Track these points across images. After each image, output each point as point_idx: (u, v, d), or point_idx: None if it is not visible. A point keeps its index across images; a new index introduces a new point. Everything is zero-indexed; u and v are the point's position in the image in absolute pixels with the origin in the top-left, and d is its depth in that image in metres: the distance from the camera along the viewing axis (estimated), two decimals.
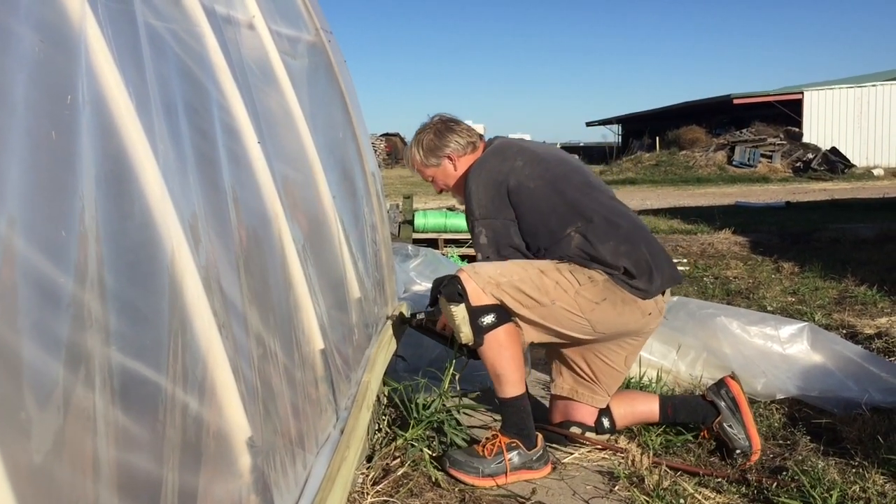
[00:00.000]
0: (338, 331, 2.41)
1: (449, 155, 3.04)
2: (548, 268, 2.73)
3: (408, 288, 4.88)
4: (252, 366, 1.58)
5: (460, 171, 3.04)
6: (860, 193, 17.58)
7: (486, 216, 2.87)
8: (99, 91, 1.25)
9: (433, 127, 3.10)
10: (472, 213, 2.88)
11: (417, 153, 3.08)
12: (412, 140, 3.13)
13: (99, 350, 1.07)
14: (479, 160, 2.98)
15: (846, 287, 5.74)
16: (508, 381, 2.68)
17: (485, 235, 2.86)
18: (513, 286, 2.68)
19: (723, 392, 2.92)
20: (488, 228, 2.87)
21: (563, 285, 2.70)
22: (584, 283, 2.71)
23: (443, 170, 3.07)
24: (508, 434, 2.65)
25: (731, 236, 8.87)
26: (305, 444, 1.87)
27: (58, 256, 1.04)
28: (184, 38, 1.74)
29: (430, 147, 3.06)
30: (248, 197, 1.87)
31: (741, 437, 2.81)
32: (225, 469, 1.39)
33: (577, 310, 2.70)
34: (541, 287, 2.69)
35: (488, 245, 2.86)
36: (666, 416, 2.93)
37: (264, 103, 2.24)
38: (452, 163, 3.05)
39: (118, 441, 1.08)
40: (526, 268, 2.73)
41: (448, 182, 3.09)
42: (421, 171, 3.12)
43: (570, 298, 2.70)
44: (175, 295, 1.32)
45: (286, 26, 2.84)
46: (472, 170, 2.96)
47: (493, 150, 3.00)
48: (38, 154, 1.06)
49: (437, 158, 3.05)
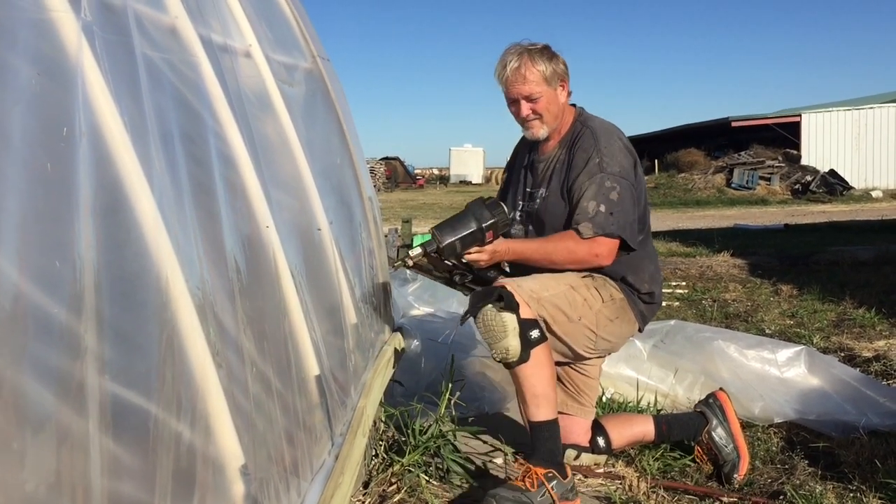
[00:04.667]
0: (334, 356, 2.41)
1: (564, 81, 2.84)
2: (576, 283, 2.69)
3: (406, 312, 4.89)
4: (246, 393, 1.58)
5: (562, 105, 2.85)
6: (858, 215, 17.60)
7: (624, 175, 2.71)
8: (95, 122, 1.27)
9: (547, 47, 2.82)
10: (606, 168, 2.68)
11: (541, 62, 2.76)
12: (520, 49, 2.78)
13: (93, 379, 1.07)
14: (602, 123, 2.85)
15: (845, 309, 5.74)
16: (546, 403, 2.54)
17: (618, 193, 2.67)
18: (551, 302, 2.61)
19: (710, 401, 2.99)
20: (624, 189, 2.69)
21: (589, 302, 2.68)
22: (605, 301, 2.72)
23: (556, 95, 2.81)
24: (542, 464, 2.48)
25: (730, 259, 8.87)
26: (300, 471, 1.87)
27: (53, 286, 1.05)
28: (180, 68, 1.77)
29: (554, 64, 2.79)
30: (243, 224, 1.88)
31: (729, 446, 2.84)
32: (218, 497, 1.39)
33: (594, 326, 2.69)
34: (572, 303, 2.65)
35: (616, 204, 2.66)
36: (661, 433, 2.94)
37: (261, 131, 2.26)
38: (565, 92, 2.84)
39: (111, 469, 1.08)
40: (559, 282, 2.67)
41: (551, 108, 2.80)
42: (534, 82, 2.77)
43: (593, 315, 2.69)
44: (169, 323, 1.33)
45: (283, 54, 2.87)
46: (600, 126, 2.81)
47: (612, 124, 2.88)
48: (34, 185, 1.07)
49: (556, 79, 2.80)
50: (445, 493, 2.65)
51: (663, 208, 22.59)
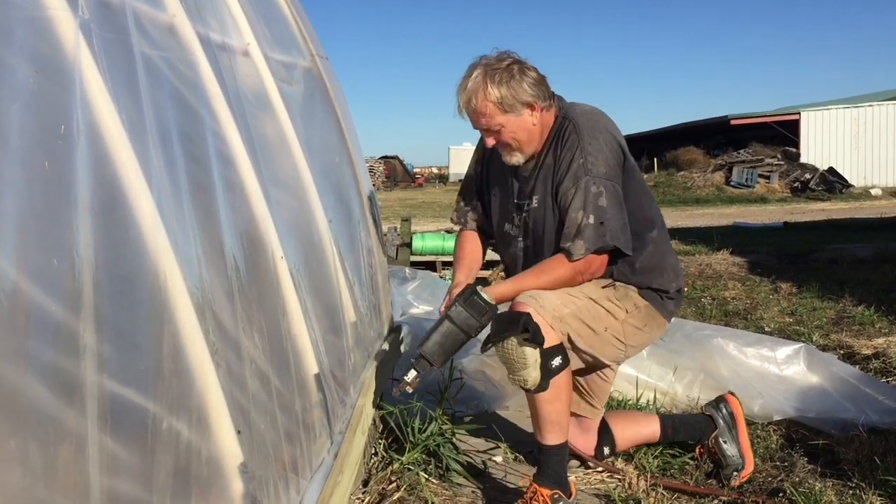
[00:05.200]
0: (333, 355, 2.41)
1: (532, 104, 2.54)
2: (597, 295, 2.58)
3: (405, 311, 4.89)
4: (245, 391, 1.58)
5: (537, 127, 2.58)
6: (858, 213, 17.61)
7: (610, 177, 2.50)
8: (93, 120, 1.26)
9: (513, 66, 2.52)
10: (591, 170, 2.48)
11: (495, 91, 2.48)
12: (479, 74, 2.51)
13: (91, 377, 1.07)
14: (584, 113, 2.61)
15: (844, 307, 5.74)
16: (558, 429, 2.49)
17: (604, 198, 2.47)
18: (575, 317, 2.50)
19: (721, 406, 2.93)
20: (610, 193, 2.49)
21: (613, 312, 2.59)
22: (630, 312, 2.63)
23: (520, 121, 2.54)
24: (548, 485, 2.45)
25: (729, 257, 8.87)
26: (299, 469, 1.87)
27: (51, 284, 1.05)
28: (178, 67, 1.76)
29: (512, 89, 2.49)
30: (242, 223, 1.88)
31: (735, 454, 2.82)
32: (217, 495, 1.39)
33: (622, 336, 2.61)
34: (596, 316, 2.55)
35: (606, 211, 2.47)
36: (666, 435, 2.91)
37: (259, 130, 2.26)
38: (533, 114, 2.55)
39: (110, 467, 1.08)
40: (578, 296, 2.55)
41: (519, 136, 2.56)
42: (488, 116, 2.52)
43: (619, 325, 2.60)
44: (168, 321, 1.33)
45: (281, 52, 2.87)
46: (583, 116, 2.58)
47: (595, 110, 2.66)
48: (32, 184, 1.07)
49: (520, 105, 2.52)
50: (445, 492, 2.66)
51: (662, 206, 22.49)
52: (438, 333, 2.49)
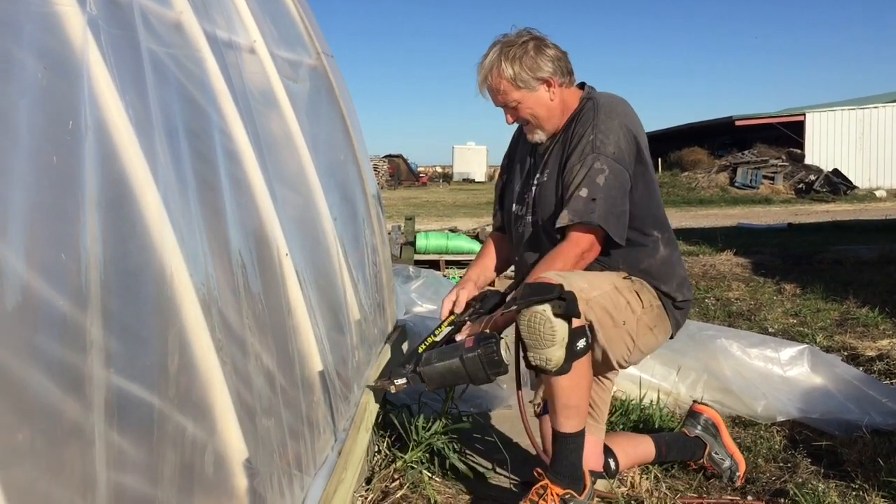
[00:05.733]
0: (337, 352, 2.41)
1: (548, 79, 2.48)
2: (619, 284, 2.47)
3: (409, 309, 4.89)
4: (250, 388, 1.59)
5: (556, 103, 2.52)
6: (862, 215, 17.58)
7: (618, 159, 2.42)
8: (101, 116, 1.27)
9: (528, 42, 2.48)
10: (599, 148, 2.41)
11: (508, 68, 2.44)
12: (495, 52, 2.48)
13: (98, 372, 1.08)
14: (609, 97, 2.57)
15: (848, 309, 5.73)
16: (577, 414, 2.34)
17: (605, 177, 2.39)
18: (599, 303, 2.36)
19: (701, 421, 2.88)
20: (614, 174, 2.40)
21: (632, 306, 2.46)
22: (646, 307, 2.50)
23: (536, 96, 2.49)
24: (561, 482, 2.32)
25: (733, 258, 8.87)
26: (303, 466, 1.87)
27: (58, 279, 1.06)
28: (185, 64, 1.77)
29: (528, 65, 2.45)
30: (247, 220, 1.89)
31: (727, 461, 2.81)
32: (221, 491, 1.40)
33: (634, 334, 2.47)
34: (616, 305, 2.42)
35: (602, 189, 2.38)
36: (660, 454, 2.83)
37: (265, 127, 2.27)
38: (550, 90, 2.50)
39: (115, 462, 1.09)
40: (603, 281, 2.43)
41: (537, 112, 2.52)
42: (503, 93, 2.49)
43: (634, 321, 2.46)
44: (174, 317, 1.33)
45: (287, 50, 2.87)
46: (604, 102, 2.52)
47: (622, 99, 2.59)
48: (40, 178, 1.08)
49: (535, 80, 2.47)
50: (448, 490, 2.66)
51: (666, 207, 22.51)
52: (445, 365, 2.40)
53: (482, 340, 2.38)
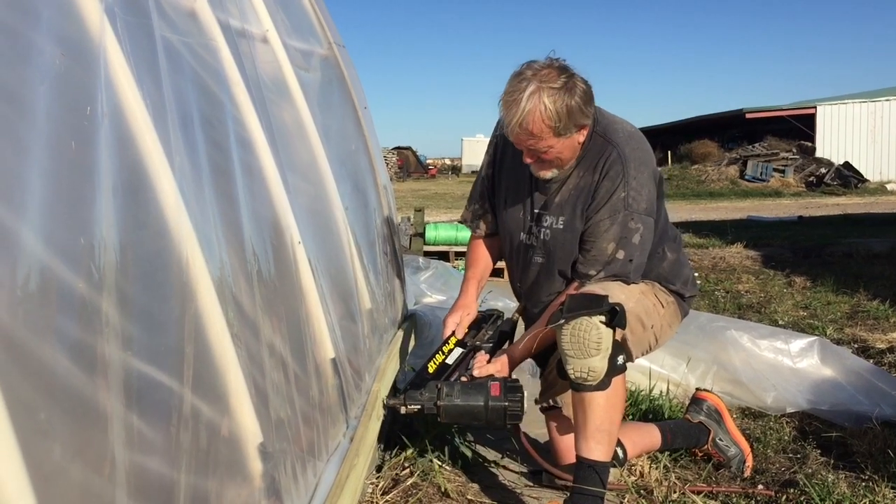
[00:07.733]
0: (348, 340, 2.43)
1: (585, 125, 2.41)
2: (644, 288, 2.51)
3: (418, 300, 4.91)
4: (263, 373, 1.60)
5: (581, 144, 2.46)
6: (873, 208, 17.49)
7: (649, 212, 2.42)
8: (117, 103, 1.28)
9: (568, 83, 2.31)
10: (632, 206, 2.38)
11: (552, 114, 2.27)
12: (533, 91, 2.27)
13: (115, 355, 1.09)
14: (634, 139, 2.49)
15: (858, 301, 5.72)
16: (608, 442, 2.27)
17: (640, 235, 2.40)
18: (633, 312, 2.35)
19: (703, 408, 2.89)
20: (647, 230, 2.43)
21: (657, 308, 2.53)
22: (666, 306, 2.58)
23: (569, 142, 2.39)
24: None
25: (743, 250, 8.85)
26: (316, 452, 1.89)
27: (76, 264, 1.07)
28: (199, 52, 1.78)
29: (574, 112, 2.31)
30: (261, 208, 1.90)
31: (732, 448, 2.82)
32: (237, 474, 1.41)
33: (658, 334, 2.54)
34: (647, 311, 2.45)
35: (637, 248, 2.40)
36: (666, 442, 2.85)
37: (278, 116, 2.27)
38: (582, 132, 2.42)
39: (133, 444, 1.10)
40: (633, 289, 2.45)
41: (564, 156, 2.43)
42: (538, 138, 2.33)
43: (659, 322, 2.52)
44: (189, 303, 1.35)
45: (299, 40, 2.88)
46: (629, 150, 2.43)
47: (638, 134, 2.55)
48: (58, 164, 1.09)
49: (574, 126, 2.36)
50: (457, 478, 2.67)
51: (676, 199, 22.51)
52: (466, 406, 2.38)
53: (509, 392, 2.38)
